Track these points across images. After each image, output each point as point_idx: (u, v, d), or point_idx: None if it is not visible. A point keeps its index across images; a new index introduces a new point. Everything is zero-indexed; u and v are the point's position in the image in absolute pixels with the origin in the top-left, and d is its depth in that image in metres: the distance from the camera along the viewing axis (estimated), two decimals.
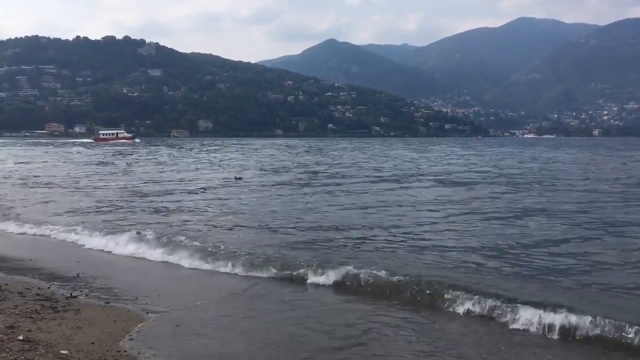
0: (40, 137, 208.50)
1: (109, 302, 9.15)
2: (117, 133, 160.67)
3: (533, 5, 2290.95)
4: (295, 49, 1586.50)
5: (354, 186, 27.69)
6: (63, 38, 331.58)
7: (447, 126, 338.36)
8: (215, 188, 26.96)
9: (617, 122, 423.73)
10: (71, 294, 9.51)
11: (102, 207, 20.00)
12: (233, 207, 19.89)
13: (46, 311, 8.30)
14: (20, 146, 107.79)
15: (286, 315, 8.62)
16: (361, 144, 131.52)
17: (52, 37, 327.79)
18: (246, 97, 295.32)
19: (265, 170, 39.37)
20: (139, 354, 6.88)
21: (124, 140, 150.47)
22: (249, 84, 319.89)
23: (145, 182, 30.03)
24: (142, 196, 23.57)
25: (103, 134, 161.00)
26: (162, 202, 21.61)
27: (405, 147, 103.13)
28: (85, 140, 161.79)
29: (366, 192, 24.80)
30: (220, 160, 54.58)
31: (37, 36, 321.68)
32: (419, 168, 43.20)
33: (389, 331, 7.86)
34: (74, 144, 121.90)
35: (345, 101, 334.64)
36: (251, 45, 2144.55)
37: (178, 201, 21.74)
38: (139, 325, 7.96)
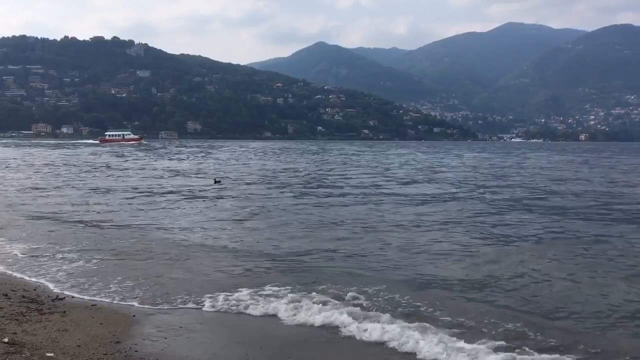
0: (27, 137, 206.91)
1: (95, 304, 9.11)
2: (123, 134, 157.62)
3: (521, 10, 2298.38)
4: (285, 51, 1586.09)
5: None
6: (51, 38, 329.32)
7: (435, 130, 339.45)
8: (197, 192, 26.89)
9: (603, 127, 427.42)
10: (57, 296, 9.46)
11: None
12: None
13: (32, 313, 8.25)
14: (18, 147, 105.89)
15: None
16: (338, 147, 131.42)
17: (39, 37, 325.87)
18: (235, 99, 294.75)
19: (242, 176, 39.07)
20: (125, 356, 6.86)
21: (132, 142, 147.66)
22: (238, 85, 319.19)
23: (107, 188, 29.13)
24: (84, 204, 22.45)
25: (109, 135, 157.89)
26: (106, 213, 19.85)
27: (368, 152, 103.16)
28: (90, 141, 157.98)
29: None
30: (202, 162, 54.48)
31: (24, 36, 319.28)
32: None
33: None
34: (79, 146, 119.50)
35: (334, 104, 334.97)
36: (241, 47, 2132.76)
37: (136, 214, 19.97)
38: (126, 328, 7.93)
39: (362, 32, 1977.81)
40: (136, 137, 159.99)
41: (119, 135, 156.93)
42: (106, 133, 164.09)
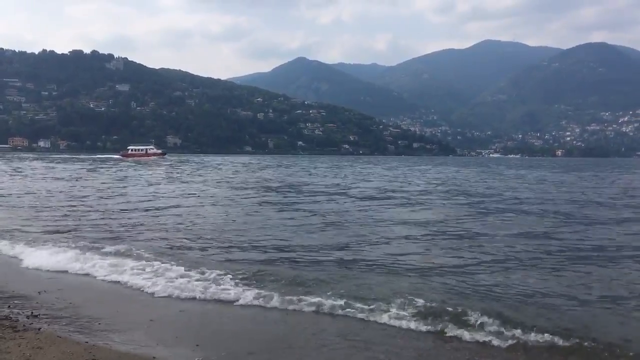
0: (2, 151, 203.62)
1: (71, 323, 8.96)
2: (146, 149, 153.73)
3: (498, 28, 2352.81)
4: (265, 66, 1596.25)
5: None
6: (29, 51, 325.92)
7: (415, 145, 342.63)
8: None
9: (579, 143, 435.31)
10: (32, 312, 9.29)
11: None
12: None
13: (5, 331, 8.09)
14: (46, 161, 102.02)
15: None
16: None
17: (17, 50, 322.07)
18: (215, 114, 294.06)
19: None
20: None
21: (155, 157, 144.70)
22: (218, 100, 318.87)
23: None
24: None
25: (131, 150, 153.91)
26: None
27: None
28: (113, 155, 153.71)
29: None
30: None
31: (1, 49, 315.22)
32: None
33: None
34: (102, 160, 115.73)
35: (314, 119, 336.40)
36: (221, 62, 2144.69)
37: None
38: (102, 346, 7.82)
39: (342, 48, 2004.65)
40: (159, 151, 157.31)
41: (142, 150, 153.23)
42: (129, 147, 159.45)
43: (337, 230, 18.32)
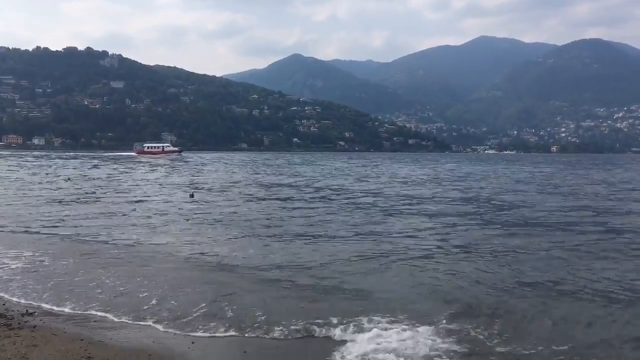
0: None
1: (66, 319, 8.94)
2: (163, 146, 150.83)
3: (494, 24, 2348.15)
4: (261, 63, 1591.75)
5: None
6: (22, 48, 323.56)
7: (410, 141, 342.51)
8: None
9: (574, 139, 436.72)
10: (27, 310, 9.26)
11: None
12: None
13: (0, 329, 8.07)
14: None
15: None
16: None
17: (10, 47, 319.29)
18: (210, 111, 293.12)
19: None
20: None
21: (171, 155, 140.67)
22: (213, 97, 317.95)
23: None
24: None
25: (147, 147, 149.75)
26: None
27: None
28: (127, 153, 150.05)
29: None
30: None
31: None
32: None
33: None
34: (117, 158, 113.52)
35: (310, 116, 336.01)
36: (217, 59, 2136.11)
37: None
38: (99, 343, 7.81)
39: (338, 44, 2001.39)
40: (176, 149, 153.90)
41: (158, 147, 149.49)
42: (144, 145, 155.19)
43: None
